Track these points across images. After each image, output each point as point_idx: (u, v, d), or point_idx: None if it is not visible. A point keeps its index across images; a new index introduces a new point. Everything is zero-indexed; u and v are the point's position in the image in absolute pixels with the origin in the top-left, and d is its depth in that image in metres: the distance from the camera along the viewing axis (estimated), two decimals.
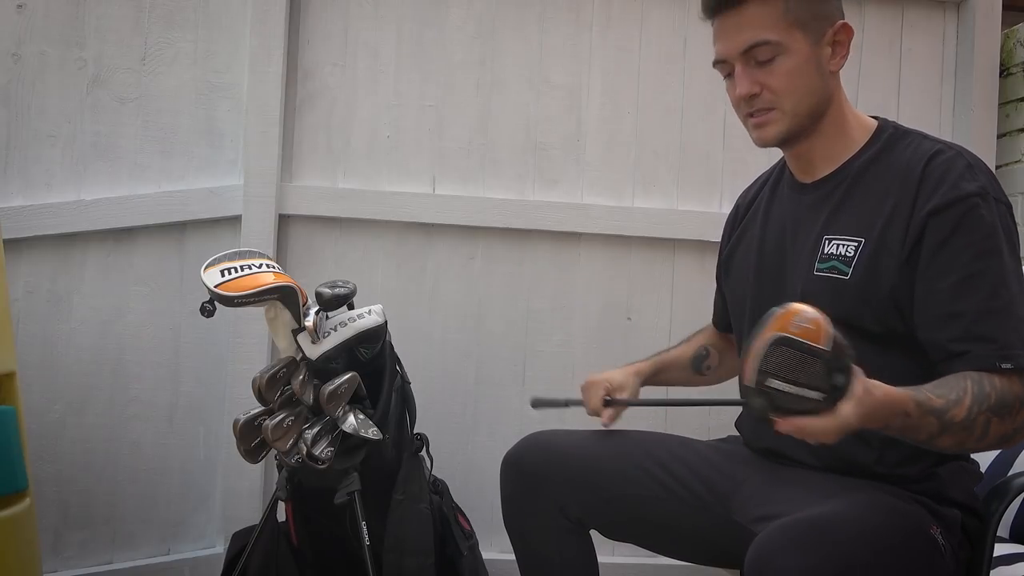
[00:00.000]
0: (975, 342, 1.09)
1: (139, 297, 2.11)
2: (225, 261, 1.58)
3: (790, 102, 1.21)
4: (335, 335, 1.64)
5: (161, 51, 2.13)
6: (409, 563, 1.68)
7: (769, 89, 1.21)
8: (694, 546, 1.39)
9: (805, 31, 1.20)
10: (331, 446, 1.59)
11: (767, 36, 1.19)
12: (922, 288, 1.14)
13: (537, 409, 1.43)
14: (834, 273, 1.20)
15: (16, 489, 1.45)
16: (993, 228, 1.12)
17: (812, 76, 1.21)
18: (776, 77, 1.20)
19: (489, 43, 2.21)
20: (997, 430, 1.06)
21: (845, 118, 1.26)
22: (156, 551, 2.12)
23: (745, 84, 1.21)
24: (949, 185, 1.13)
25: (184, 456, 2.13)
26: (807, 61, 1.20)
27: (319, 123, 2.18)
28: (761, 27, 1.19)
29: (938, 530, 1.12)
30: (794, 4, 1.19)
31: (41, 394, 2.05)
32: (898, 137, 1.25)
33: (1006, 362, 1.06)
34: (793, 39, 1.19)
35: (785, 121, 1.22)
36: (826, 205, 1.25)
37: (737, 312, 1.42)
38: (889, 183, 1.19)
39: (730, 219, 1.51)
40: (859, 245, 1.19)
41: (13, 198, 2.05)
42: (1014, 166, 2.31)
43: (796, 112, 1.22)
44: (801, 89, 1.21)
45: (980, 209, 1.11)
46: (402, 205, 2.16)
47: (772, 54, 1.19)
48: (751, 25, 1.20)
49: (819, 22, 1.21)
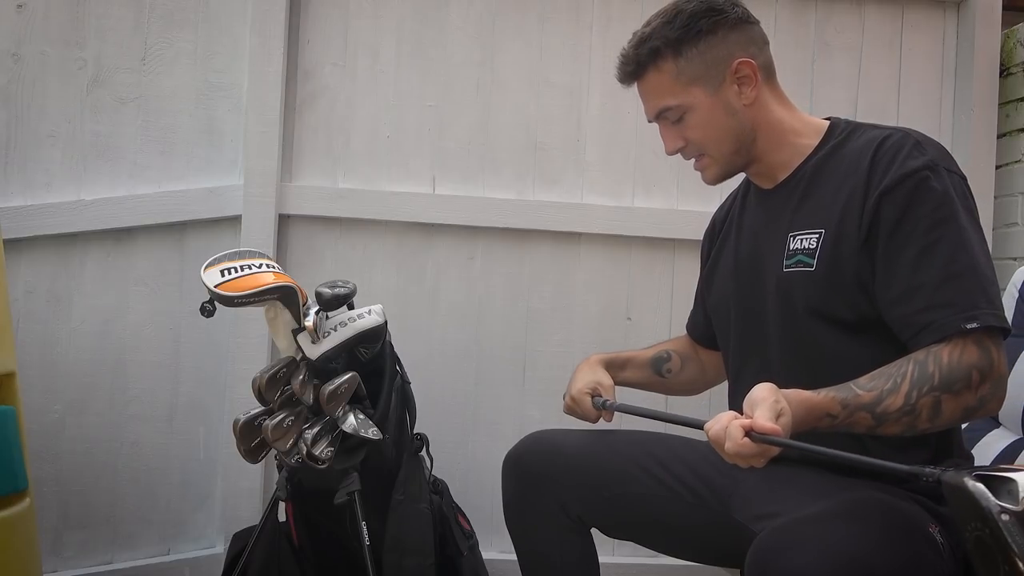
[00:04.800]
0: (939, 309, 1.09)
1: (139, 297, 2.11)
2: (225, 261, 1.58)
3: (713, 148, 1.30)
4: (335, 335, 1.64)
5: (161, 51, 2.13)
6: (409, 563, 1.68)
7: (690, 141, 1.31)
8: (694, 544, 1.39)
9: (702, 84, 1.27)
10: (331, 446, 1.59)
11: (667, 103, 1.29)
12: (882, 268, 1.15)
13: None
14: (800, 267, 1.23)
15: (16, 489, 1.45)
16: (944, 196, 1.13)
17: (723, 120, 1.28)
18: (691, 131, 1.30)
19: (489, 43, 2.21)
20: (953, 406, 1.07)
21: (783, 129, 1.30)
22: (156, 551, 2.12)
23: (669, 142, 1.33)
24: (897, 164, 1.16)
25: (184, 456, 2.13)
26: (712, 110, 1.28)
27: (319, 123, 2.18)
28: (660, 95, 1.30)
29: (937, 528, 1.12)
30: (685, 64, 1.27)
31: (41, 394, 2.05)
32: (850, 131, 1.28)
33: (971, 322, 1.07)
34: (692, 96, 1.27)
35: (717, 164, 1.32)
36: (788, 205, 1.29)
37: (721, 323, 1.43)
38: (843, 174, 1.22)
39: (708, 235, 1.54)
40: (820, 236, 1.21)
41: (13, 198, 2.05)
42: (1014, 166, 2.31)
43: (722, 153, 1.31)
44: (716, 135, 1.29)
45: (930, 181, 1.13)
46: (402, 205, 2.16)
47: (679, 114, 1.29)
48: (653, 95, 1.31)
49: (714, 69, 1.27)
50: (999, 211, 2.30)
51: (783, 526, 1.03)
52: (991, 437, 1.66)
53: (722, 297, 1.41)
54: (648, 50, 1.28)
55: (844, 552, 0.99)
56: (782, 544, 1.00)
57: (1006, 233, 2.30)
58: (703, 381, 1.60)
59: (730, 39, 1.27)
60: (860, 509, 1.08)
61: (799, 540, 1.00)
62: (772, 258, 1.29)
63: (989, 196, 2.29)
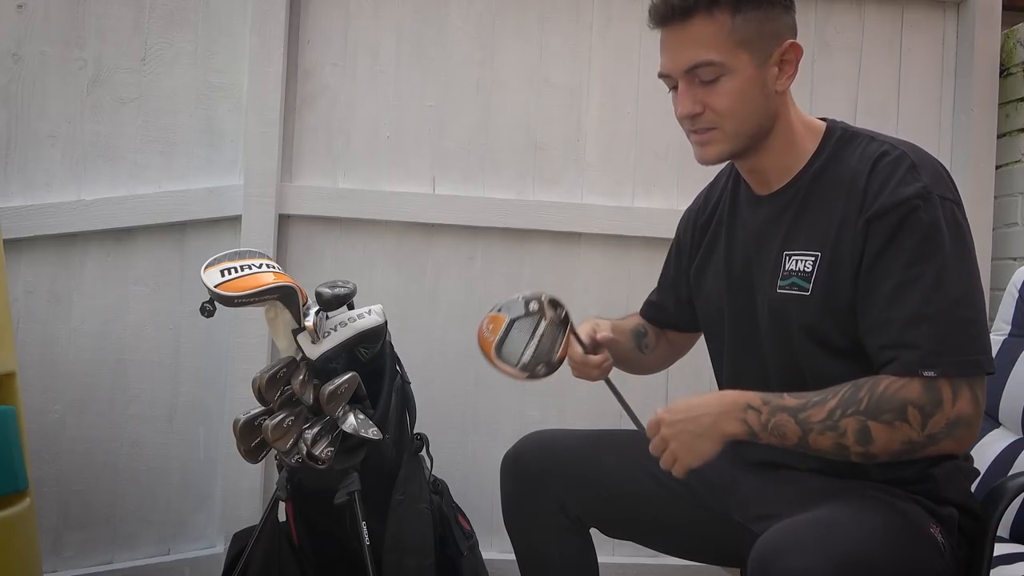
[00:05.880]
0: (902, 348, 1.07)
1: (139, 297, 2.11)
2: (225, 261, 1.58)
3: (732, 123, 1.18)
4: (335, 335, 1.64)
5: (161, 51, 2.13)
6: (409, 563, 1.68)
7: (711, 109, 1.18)
8: (693, 544, 1.39)
9: (751, 51, 1.16)
10: (331, 446, 1.60)
11: (711, 56, 1.15)
12: (862, 295, 1.13)
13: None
14: (795, 290, 1.19)
15: (16, 489, 1.45)
16: (931, 229, 1.09)
17: (756, 97, 1.18)
18: (719, 98, 1.17)
19: (489, 43, 2.21)
20: (888, 436, 1.04)
21: (793, 132, 1.24)
22: (156, 551, 2.12)
23: (687, 103, 1.18)
24: (889, 191, 1.12)
25: (184, 456, 2.13)
26: (751, 82, 1.17)
27: (319, 123, 2.18)
28: (705, 46, 1.15)
29: (938, 529, 1.12)
30: (741, 22, 1.15)
31: (41, 394, 2.05)
32: (846, 141, 1.22)
33: (929, 369, 1.04)
34: (738, 60, 1.15)
35: (726, 142, 1.20)
36: (784, 219, 1.24)
37: (714, 329, 1.40)
38: (839, 192, 1.18)
39: (690, 225, 1.47)
40: (816, 259, 1.17)
41: (13, 198, 2.05)
42: (1014, 166, 2.31)
43: (738, 133, 1.19)
44: (744, 110, 1.18)
45: (919, 212, 1.09)
46: (402, 205, 2.16)
47: (716, 74, 1.16)
48: (695, 43, 1.16)
49: (766, 41, 1.17)
50: (999, 211, 2.30)
51: (785, 527, 1.03)
52: (991, 437, 1.66)
53: (715, 304, 1.38)
54: None
55: (846, 554, 0.99)
56: (784, 545, 1.00)
57: (1006, 233, 2.30)
58: (669, 361, 1.57)
59: (784, 20, 1.20)
60: (862, 510, 1.08)
61: (801, 541, 1.00)
62: (766, 274, 1.25)
63: (989, 196, 2.29)
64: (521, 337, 1.24)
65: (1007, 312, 1.73)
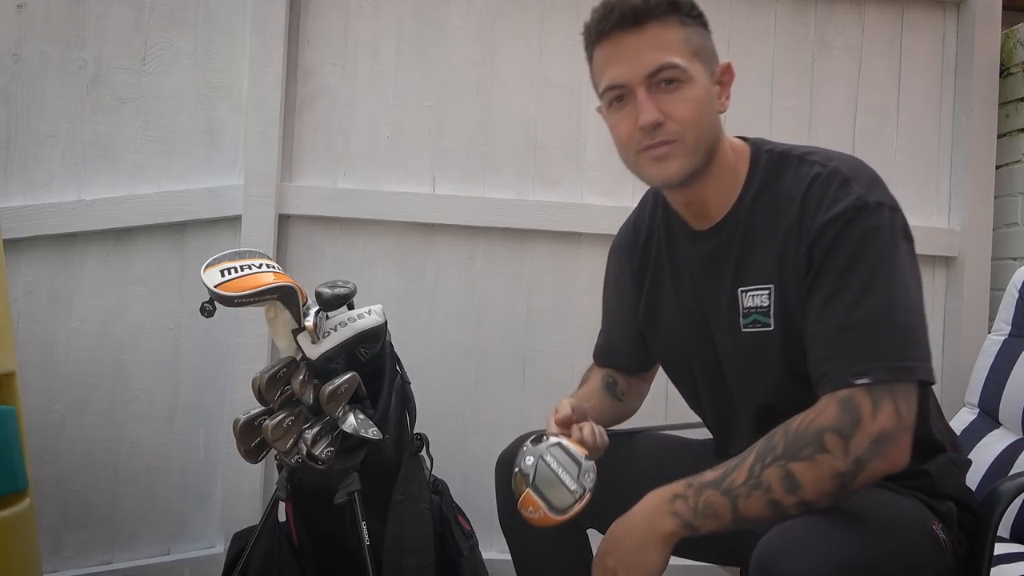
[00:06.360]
0: (832, 361, 1.05)
1: (139, 297, 2.11)
2: (225, 261, 1.58)
3: (693, 134, 1.14)
4: (335, 335, 1.64)
5: (161, 51, 2.13)
6: (409, 563, 1.68)
7: (673, 119, 1.12)
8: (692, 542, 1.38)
9: (703, 62, 1.15)
10: (331, 446, 1.59)
11: (675, 59, 1.12)
12: (805, 320, 1.12)
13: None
14: (758, 327, 1.18)
15: (16, 489, 1.45)
16: (865, 238, 1.07)
17: (711, 111, 1.16)
18: (681, 105, 1.12)
19: (489, 43, 2.21)
20: (814, 475, 1.00)
21: (728, 158, 1.22)
22: (156, 551, 2.12)
23: (650, 111, 1.12)
24: (823, 210, 1.10)
25: (184, 456, 2.13)
26: (708, 93, 1.15)
27: (319, 123, 2.18)
28: (669, 49, 1.12)
29: (939, 526, 1.12)
30: (692, 33, 1.14)
31: (41, 394, 2.05)
32: (776, 163, 1.19)
33: (861, 377, 1.01)
34: (695, 68, 1.14)
35: (687, 156, 1.14)
36: (729, 254, 1.21)
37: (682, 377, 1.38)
38: (778, 220, 1.15)
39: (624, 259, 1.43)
40: (770, 291, 1.16)
41: (13, 198, 2.05)
42: (1014, 166, 2.31)
43: (697, 147, 1.15)
44: (704, 122, 1.14)
45: (852, 224, 1.07)
46: (402, 205, 2.16)
47: (678, 78, 1.12)
48: (657, 47, 1.12)
49: (711, 57, 1.17)
50: (999, 211, 2.30)
51: (786, 528, 1.02)
52: (991, 437, 1.66)
53: (675, 345, 1.35)
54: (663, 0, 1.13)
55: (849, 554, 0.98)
56: (785, 546, 0.99)
57: (1006, 233, 2.31)
58: (645, 394, 1.55)
59: (713, 44, 1.21)
60: (864, 509, 1.07)
61: (803, 542, 0.99)
62: (723, 314, 1.23)
63: (989, 196, 2.29)
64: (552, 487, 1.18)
65: (1007, 312, 1.73)
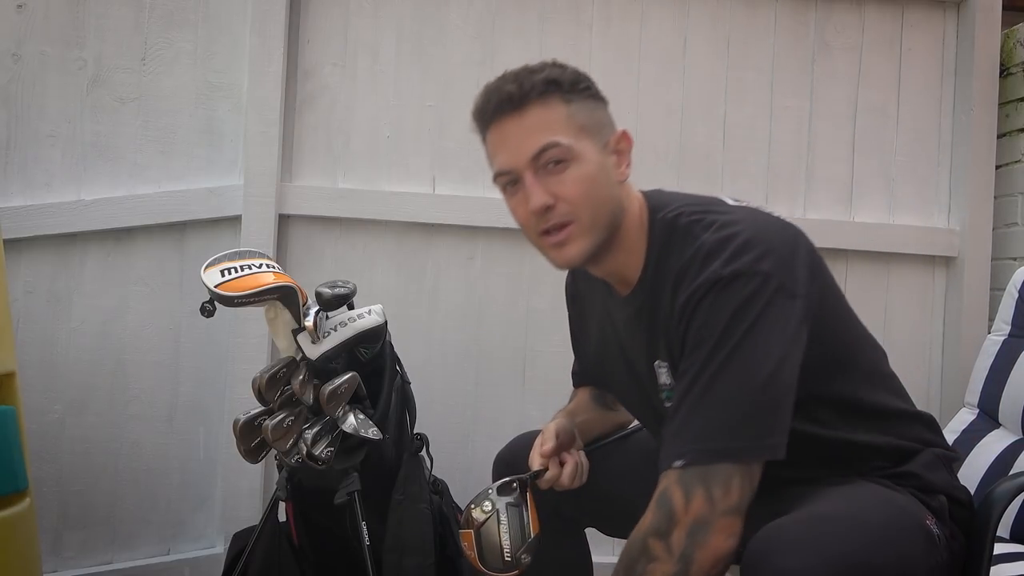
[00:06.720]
0: (664, 445, 1.04)
1: (139, 297, 2.11)
2: (225, 261, 1.58)
3: (587, 212, 1.10)
4: (335, 335, 1.64)
5: (161, 51, 2.13)
6: (409, 563, 1.68)
7: (564, 200, 1.10)
8: None
9: (591, 137, 1.12)
10: (331, 446, 1.59)
11: (557, 138, 1.09)
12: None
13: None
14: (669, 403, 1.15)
15: (16, 489, 1.45)
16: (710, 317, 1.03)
17: (605, 184, 1.13)
18: (570, 186, 1.10)
19: (489, 43, 2.21)
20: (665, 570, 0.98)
21: (634, 226, 1.17)
22: (156, 551, 2.12)
23: (538, 194, 1.10)
24: (683, 290, 1.07)
25: (184, 456, 2.13)
26: (599, 168, 1.12)
27: (319, 123, 2.18)
28: (550, 129, 1.10)
29: (932, 521, 1.12)
30: (576, 109, 1.12)
31: (41, 394, 2.05)
32: (667, 232, 1.15)
33: (677, 459, 1.00)
34: (582, 144, 1.10)
35: (585, 236, 1.12)
36: (640, 325, 1.19)
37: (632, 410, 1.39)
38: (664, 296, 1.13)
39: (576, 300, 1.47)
40: (667, 368, 1.16)
41: (13, 198, 2.05)
42: (1014, 166, 2.31)
43: (595, 224, 1.11)
44: (597, 197, 1.11)
45: (702, 302, 1.04)
46: (402, 205, 2.16)
47: (564, 158, 1.10)
48: (539, 128, 1.10)
49: (601, 129, 1.15)
50: (999, 211, 2.30)
51: (778, 525, 1.02)
52: (991, 438, 1.66)
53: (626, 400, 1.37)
54: (542, 80, 1.11)
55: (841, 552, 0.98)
56: (777, 544, 0.99)
57: (1006, 233, 2.31)
58: None
59: (607, 112, 1.18)
60: (856, 506, 1.07)
61: (794, 539, 0.99)
62: (649, 386, 1.22)
63: (989, 196, 2.29)
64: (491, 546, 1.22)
65: (1007, 312, 1.72)
